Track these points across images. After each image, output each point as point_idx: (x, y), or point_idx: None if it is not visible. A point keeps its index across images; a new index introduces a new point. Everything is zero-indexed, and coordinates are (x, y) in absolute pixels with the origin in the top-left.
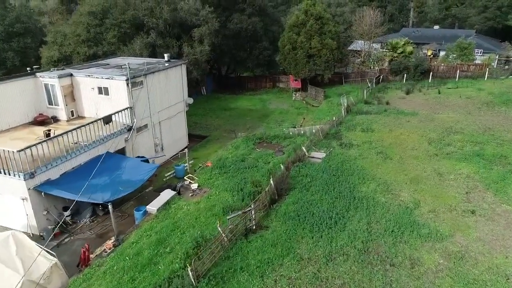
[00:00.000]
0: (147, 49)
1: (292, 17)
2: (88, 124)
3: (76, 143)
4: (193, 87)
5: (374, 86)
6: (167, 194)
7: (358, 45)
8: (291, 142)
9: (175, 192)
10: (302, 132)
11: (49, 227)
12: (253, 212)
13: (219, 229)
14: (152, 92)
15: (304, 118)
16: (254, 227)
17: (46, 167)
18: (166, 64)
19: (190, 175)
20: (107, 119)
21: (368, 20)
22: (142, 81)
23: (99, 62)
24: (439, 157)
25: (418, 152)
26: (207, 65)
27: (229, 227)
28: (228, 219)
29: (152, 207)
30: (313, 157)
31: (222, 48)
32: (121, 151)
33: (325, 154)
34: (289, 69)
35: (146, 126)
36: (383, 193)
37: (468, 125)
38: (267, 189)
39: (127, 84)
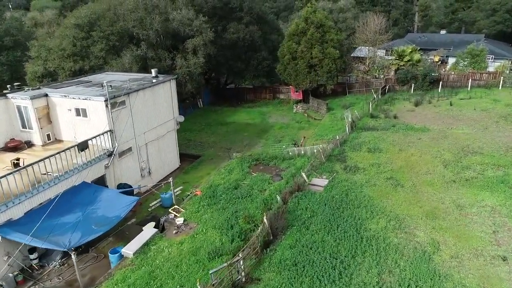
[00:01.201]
0: (137, 63)
1: (292, 25)
2: (58, 153)
3: (46, 173)
4: (189, 101)
5: (380, 97)
6: (147, 232)
7: (362, 52)
8: (290, 164)
9: (157, 230)
10: (302, 152)
11: (11, 274)
12: (241, 262)
13: None
14: (137, 112)
15: (304, 137)
16: (243, 280)
17: (7, 206)
18: (154, 80)
19: (176, 206)
20: (83, 146)
21: (372, 26)
22: (124, 100)
23: (81, 79)
24: (458, 184)
25: (433, 177)
26: (202, 78)
27: (213, 283)
28: (211, 273)
29: (128, 250)
30: (314, 185)
31: (218, 59)
32: (101, 180)
33: (327, 180)
34: (289, 80)
35: (130, 149)
36: (395, 232)
37: (487, 144)
38: (259, 230)
39: (106, 105)
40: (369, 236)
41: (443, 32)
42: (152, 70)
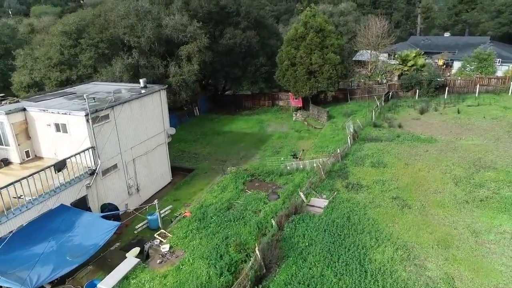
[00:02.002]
0: (128, 71)
1: (290, 30)
2: (32, 175)
3: (18, 197)
4: (186, 108)
5: (383, 104)
6: (128, 263)
7: (364, 55)
8: (288, 180)
9: (139, 260)
10: (301, 166)
11: None
12: None
13: None
14: (122, 125)
15: (303, 150)
16: None
17: None
18: (143, 91)
19: (162, 231)
20: (59, 166)
21: (374, 30)
22: (107, 114)
23: (65, 90)
24: (471, 205)
25: (443, 197)
26: (198, 85)
27: None
28: None
29: (105, 285)
30: (313, 206)
31: (214, 65)
32: (82, 201)
33: (327, 201)
34: (288, 87)
35: (115, 166)
36: (403, 264)
37: (500, 157)
38: (251, 262)
39: (87, 120)
40: (374, 269)
41: (447, 34)
42: (141, 80)
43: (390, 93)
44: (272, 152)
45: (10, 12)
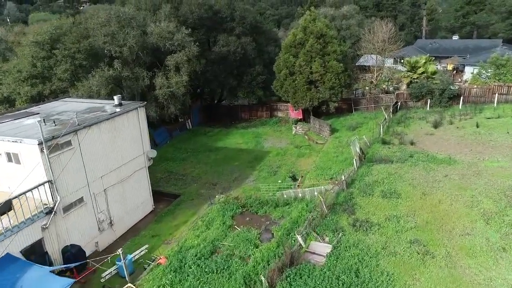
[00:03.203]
0: (108, 84)
1: (289, 36)
2: None
3: None
4: (182, 119)
5: (391, 115)
6: None
7: (368, 61)
8: (285, 212)
9: None
10: (300, 195)
11: None
12: None
13: None
14: (90, 152)
15: (302, 176)
16: None
17: None
18: (117, 110)
19: (130, 285)
20: (4, 208)
21: (380, 35)
22: (69, 140)
23: (28, 110)
24: (509, 254)
25: (472, 240)
26: (188, 97)
27: None
28: None
29: None
30: (313, 253)
31: (207, 76)
32: (38, 245)
33: (330, 245)
34: (286, 98)
35: (81, 200)
36: None
37: None
38: None
39: (42, 150)
40: None
41: (455, 37)
42: (115, 97)
43: (399, 103)
44: (268, 173)
45: (8, 20)
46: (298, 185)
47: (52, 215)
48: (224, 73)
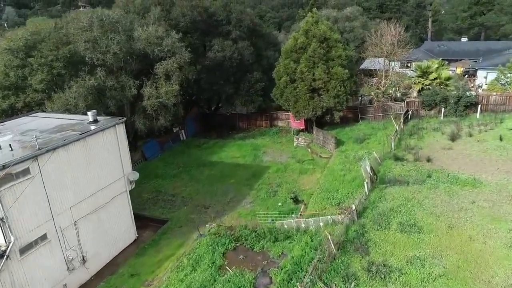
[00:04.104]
0: (88, 95)
1: (289, 39)
2: None
3: None
4: (178, 128)
5: (402, 126)
6: None
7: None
8: (286, 248)
9: None
10: (303, 225)
11: None
12: None
13: None
14: (55, 180)
15: (305, 204)
16: None
17: None
18: (92, 127)
19: None
20: None
21: (389, 38)
22: (27, 168)
23: None
24: None
25: None
26: (181, 108)
27: None
28: None
29: None
30: None
31: (201, 83)
32: None
33: None
34: (287, 106)
35: (43, 237)
36: None
37: None
38: None
39: None
40: None
41: (464, 39)
42: (89, 113)
43: (409, 112)
44: (267, 193)
45: (6, 25)
46: (300, 214)
47: (4, 259)
48: (219, 80)
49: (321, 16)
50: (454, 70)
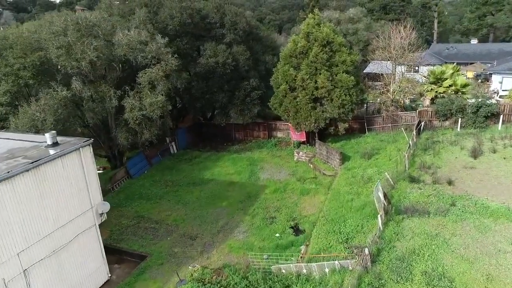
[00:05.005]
0: (58, 109)
1: (288, 43)
2: None
3: None
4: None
5: (415, 139)
6: None
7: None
8: None
9: None
10: (304, 270)
11: None
12: None
13: None
14: None
15: (307, 245)
16: None
17: None
18: (51, 151)
19: None
20: None
21: (398, 41)
22: None
23: None
24: None
25: None
26: (169, 120)
27: None
28: None
29: None
30: None
31: (192, 92)
32: None
33: None
34: (286, 117)
35: None
36: None
37: None
38: None
39: None
40: None
41: (474, 41)
42: (46, 135)
43: (422, 124)
44: (263, 220)
45: (2, 29)
46: (301, 256)
47: None
48: (212, 88)
49: (323, 18)
50: (465, 75)
